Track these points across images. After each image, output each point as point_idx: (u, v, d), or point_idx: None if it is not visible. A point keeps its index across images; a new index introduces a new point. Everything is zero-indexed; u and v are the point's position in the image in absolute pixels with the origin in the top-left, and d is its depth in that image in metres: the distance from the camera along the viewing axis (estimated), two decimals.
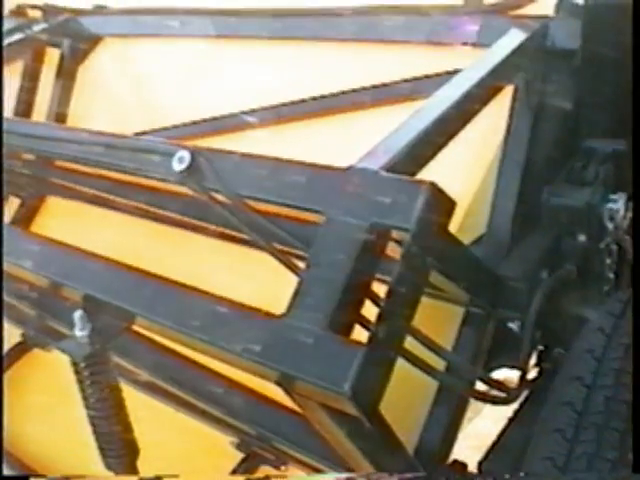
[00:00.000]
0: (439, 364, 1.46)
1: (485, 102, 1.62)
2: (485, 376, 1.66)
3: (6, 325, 2.74)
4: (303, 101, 2.31)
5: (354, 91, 2.13)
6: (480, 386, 1.64)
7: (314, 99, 2.29)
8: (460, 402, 1.68)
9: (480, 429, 3.06)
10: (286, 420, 1.66)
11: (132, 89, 2.82)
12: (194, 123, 2.52)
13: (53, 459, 2.59)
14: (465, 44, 1.92)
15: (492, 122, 1.79)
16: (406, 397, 1.58)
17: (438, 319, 1.68)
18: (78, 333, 1.48)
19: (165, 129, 2.62)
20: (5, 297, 2.45)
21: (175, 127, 2.61)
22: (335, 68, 2.31)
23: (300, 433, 1.63)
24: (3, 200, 2.34)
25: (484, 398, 1.62)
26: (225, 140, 2.40)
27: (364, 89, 2.11)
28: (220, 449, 2.15)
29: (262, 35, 2.46)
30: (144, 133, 2.61)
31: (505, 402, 1.62)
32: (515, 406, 1.80)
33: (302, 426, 1.56)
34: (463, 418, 1.72)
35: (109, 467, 1.63)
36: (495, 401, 1.61)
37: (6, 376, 2.74)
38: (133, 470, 1.63)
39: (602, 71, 1.76)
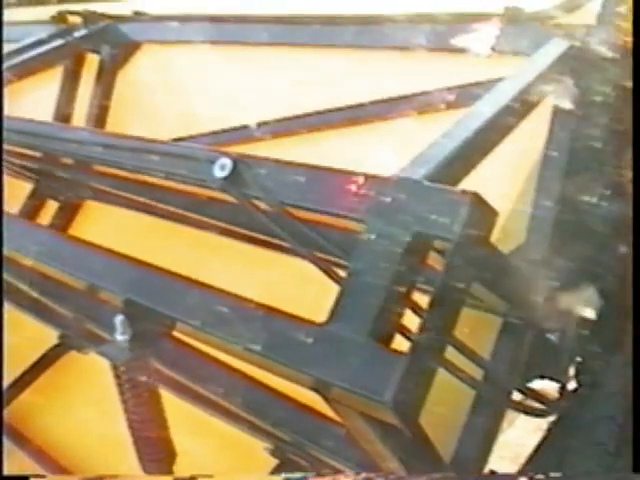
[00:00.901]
0: (476, 373, 1.45)
1: (526, 113, 1.61)
2: (523, 387, 1.65)
3: (43, 327, 2.78)
4: (334, 110, 2.32)
5: (390, 100, 2.13)
6: (517, 396, 1.64)
7: (348, 108, 2.29)
8: (497, 412, 1.67)
9: (513, 439, 3.04)
10: (323, 428, 1.66)
11: (169, 95, 2.84)
12: (232, 130, 2.52)
13: (88, 460, 2.61)
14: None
15: (532, 130, 1.78)
16: (443, 405, 1.58)
17: (476, 328, 1.67)
18: (119, 337, 1.49)
19: (201, 135, 2.64)
20: (43, 298, 2.49)
21: (211, 134, 2.62)
22: (371, 77, 2.32)
23: (337, 441, 1.63)
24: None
25: (522, 409, 1.61)
26: (256, 148, 2.41)
27: (399, 98, 2.10)
28: (254, 455, 2.16)
29: (303, 43, 2.46)
30: (180, 139, 2.63)
31: (543, 414, 1.61)
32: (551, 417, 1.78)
33: (339, 434, 1.56)
34: (500, 428, 1.71)
35: (146, 470, 1.65)
36: (533, 413, 1.60)
37: (43, 378, 2.78)
38: (170, 473, 1.64)
39: None
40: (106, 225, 2.85)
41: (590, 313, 1.67)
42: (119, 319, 1.49)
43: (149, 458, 1.61)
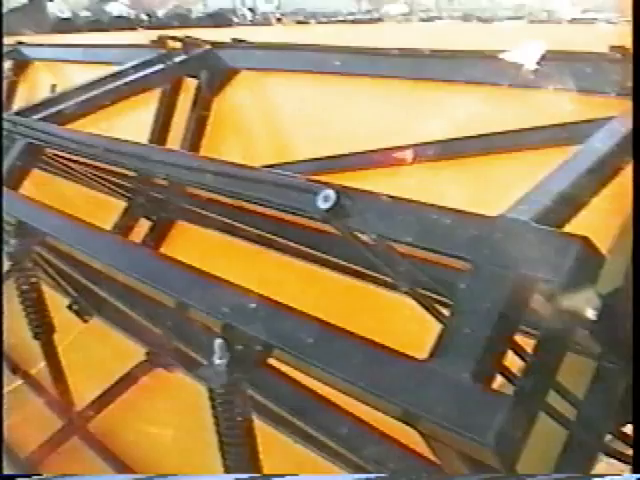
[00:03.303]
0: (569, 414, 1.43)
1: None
2: (616, 431, 1.62)
3: (131, 343, 2.85)
4: (431, 143, 2.32)
5: (496, 134, 2.13)
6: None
7: (443, 142, 2.30)
8: (590, 455, 1.64)
9: None
10: (414, 463, 1.66)
11: (264, 122, 2.90)
12: (326, 159, 2.55)
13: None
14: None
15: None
16: (536, 445, 1.56)
17: (571, 370, 1.65)
18: (217, 361, 1.51)
19: (295, 163, 2.67)
20: (133, 314, 2.55)
21: (305, 162, 2.66)
22: (466, 110, 2.32)
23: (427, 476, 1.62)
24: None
25: (614, 455, 1.57)
26: (351, 178, 2.43)
27: (507, 132, 2.10)
28: None
29: (396, 75, 2.48)
30: (272, 166, 2.67)
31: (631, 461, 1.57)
32: None
33: (430, 470, 1.55)
34: (591, 472, 1.68)
35: None
36: (624, 460, 1.56)
37: (129, 393, 2.84)
38: None
39: None
40: (196, 246, 2.91)
41: None
42: (218, 343, 1.51)
43: None
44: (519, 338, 1.26)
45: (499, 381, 1.25)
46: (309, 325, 1.43)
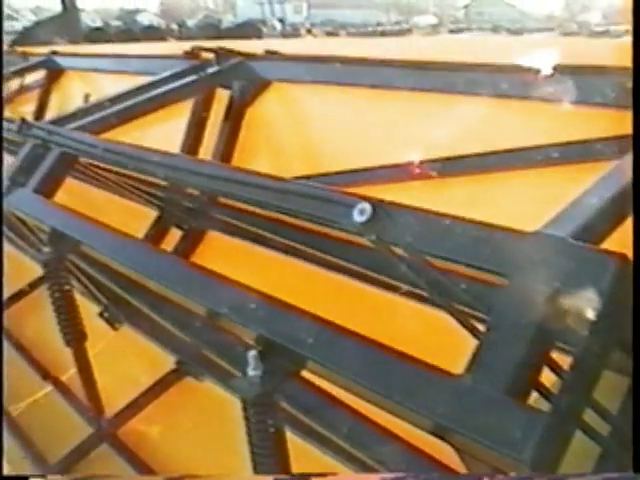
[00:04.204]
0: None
1: None
2: None
3: (160, 351, 2.87)
4: (465, 157, 2.32)
5: (530, 149, 2.12)
6: None
7: (474, 156, 2.29)
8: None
9: None
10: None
11: (296, 134, 2.91)
12: (357, 171, 2.56)
13: None
14: None
15: None
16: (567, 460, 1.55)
17: (604, 386, 1.64)
18: (251, 372, 1.52)
19: (326, 175, 2.68)
20: (163, 322, 2.57)
21: (336, 174, 2.66)
22: (495, 124, 2.32)
23: None
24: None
25: None
26: (382, 191, 2.43)
27: (543, 147, 2.09)
28: None
29: (429, 88, 2.49)
30: (303, 178, 2.68)
31: None
32: None
33: None
34: None
35: None
36: None
37: (158, 401, 2.86)
38: None
39: None
40: (227, 256, 2.93)
41: None
42: (252, 354, 1.52)
43: None
44: (555, 354, 1.26)
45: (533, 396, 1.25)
46: (344, 338, 1.43)
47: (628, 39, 1.61)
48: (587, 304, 1.19)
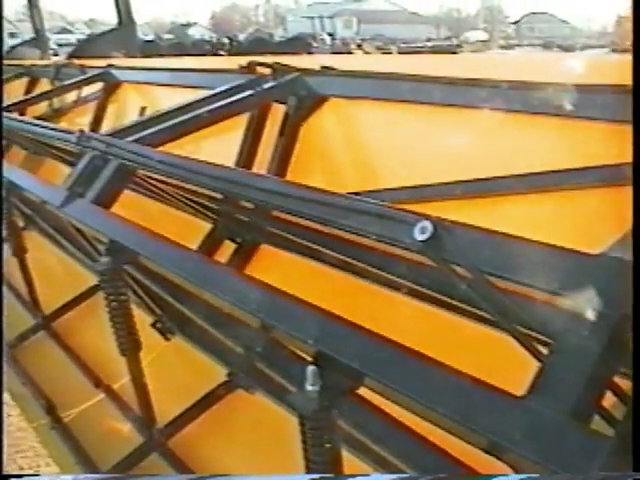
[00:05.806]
0: None
1: None
2: None
3: (212, 363, 2.89)
4: (520, 176, 2.30)
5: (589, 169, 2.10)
6: None
7: (531, 175, 2.27)
8: None
9: None
10: None
11: (351, 150, 2.92)
12: (415, 187, 2.55)
13: None
14: None
15: None
16: None
17: None
18: (309, 388, 1.53)
19: (379, 191, 2.68)
20: (216, 334, 2.59)
21: (390, 190, 2.66)
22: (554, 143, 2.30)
23: None
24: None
25: None
26: (437, 208, 2.42)
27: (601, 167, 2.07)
28: None
29: (485, 105, 2.47)
30: (357, 194, 2.68)
31: None
32: None
33: None
34: None
35: None
36: None
37: (210, 413, 2.88)
38: None
39: None
40: (281, 270, 2.94)
41: None
42: (310, 370, 1.52)
43: None
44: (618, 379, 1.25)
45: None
46: (403, 355, 1.43)
47: None
48: None
